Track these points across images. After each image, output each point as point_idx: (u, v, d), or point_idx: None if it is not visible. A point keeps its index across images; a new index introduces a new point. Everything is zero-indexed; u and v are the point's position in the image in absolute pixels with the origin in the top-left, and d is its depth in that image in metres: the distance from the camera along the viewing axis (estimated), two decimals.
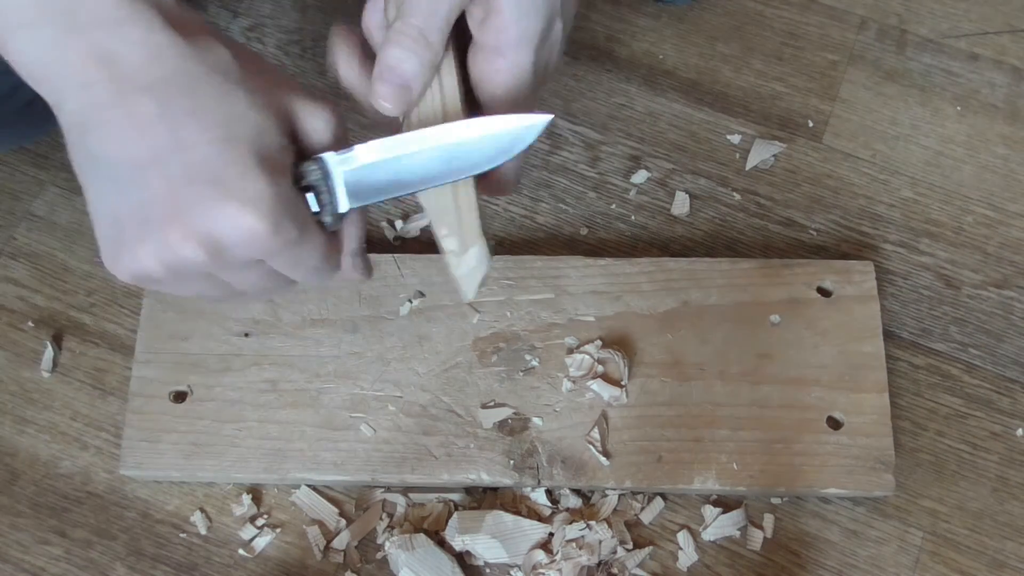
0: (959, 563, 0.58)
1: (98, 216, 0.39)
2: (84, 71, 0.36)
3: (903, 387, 0.63)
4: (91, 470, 0.61)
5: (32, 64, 0.37)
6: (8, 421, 0.63)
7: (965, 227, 0.68)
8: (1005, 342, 0.64)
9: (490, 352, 0.61)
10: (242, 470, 0.58)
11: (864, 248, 0.67)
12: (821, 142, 0.71)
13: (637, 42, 0.75)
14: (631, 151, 0.71)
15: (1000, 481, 0.60)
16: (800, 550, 0.59)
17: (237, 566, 0.59)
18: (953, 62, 0.73)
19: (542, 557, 0.57)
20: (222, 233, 0.37)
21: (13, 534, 0.60)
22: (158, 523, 0.60)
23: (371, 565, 0.58)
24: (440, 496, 0.59)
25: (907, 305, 0.65)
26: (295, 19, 0.76)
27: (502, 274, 0.63)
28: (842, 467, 0.57)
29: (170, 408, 0.60)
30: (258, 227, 0.37)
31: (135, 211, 0.38)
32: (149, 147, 0.36)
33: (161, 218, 0.37)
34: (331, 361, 0.61)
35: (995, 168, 0.70)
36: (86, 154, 0.38)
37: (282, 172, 0.39)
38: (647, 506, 0.59)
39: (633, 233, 0.68)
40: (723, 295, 0.62)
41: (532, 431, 0.59)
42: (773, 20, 0.75)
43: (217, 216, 0.37)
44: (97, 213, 0.39)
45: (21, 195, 0.69)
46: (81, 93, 0.36)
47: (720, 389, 0.60)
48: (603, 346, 0.60)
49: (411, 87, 0.42)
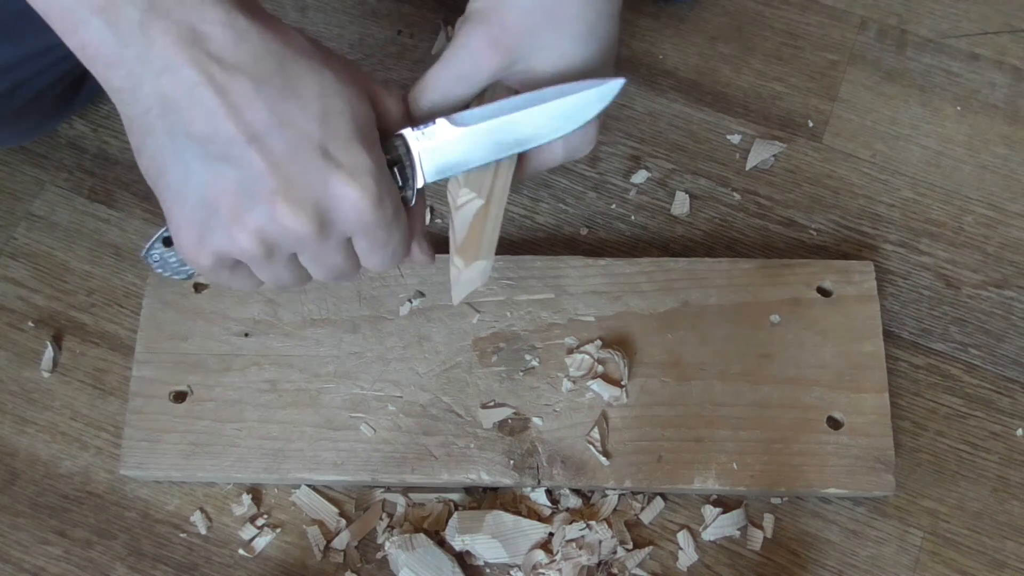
0: (959, 563, 0.58)
1: (181, 199, 0.39)
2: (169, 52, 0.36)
3: (903, 387, 0.63)
4: (91, 470, 0.61)
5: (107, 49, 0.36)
6: (8, 421, 0.63)
7: (965, 227, 0.68)
8: (1005, 342, 0.64)
9: (490, 352, 0.61)
10: (242, 470, 0.58)
11: (864, 248, 0.67)
12: (821, 142, 0.71)
13: (637, 42, 0.75)
14: (631, 151, 0.71)
15: (1000, 481, 0.60)
16: (800, 550, 0.59)
17: (237, 566, 0.59)
18: (953, 62, 0.73)
19: (542, 557, 0.57)
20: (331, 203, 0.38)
21: (13, 534, 0.60)
22: (158, 523, 0.60)
23: (371, 565, 0.58)
24: (440, 496, 0.59)
25: (907, 305, 0.65)
26: (295, 19, 0.76)
27: (502, 274, 0.63)
28: (842, 467, 0.57)
29: (170, 408, 0.60)
30: (364, 198, 0.38)
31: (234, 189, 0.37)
32: (248, 124, 0.36)
33: (266, 193, 0.37)
34: (331, 361, 0.61)
35: (995, 168, 0.70)
36: (169, 136, 0.37)
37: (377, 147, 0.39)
38: (647, 506, 0.59)
39: (633, 233, 0.68)
40: (723, 295, 0.62)
41: (532, 431, 0.59)
42: (773, 20, 0.75)
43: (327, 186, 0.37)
44: (180, 196, 0.39)
45: (21, 195, 0.69)
46: (165, 75, 0.36)
47: (720, 389, 0.60)
48: (603, 346, 0.60)
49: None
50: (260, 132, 0.37)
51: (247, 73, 0.36)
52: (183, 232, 0.39)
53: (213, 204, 0.38)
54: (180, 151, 0.38)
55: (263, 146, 0.37)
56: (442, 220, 0.68)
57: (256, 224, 0.38)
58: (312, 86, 0.38)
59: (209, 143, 0.37)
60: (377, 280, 0.63)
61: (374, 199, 0.38)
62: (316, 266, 0.42)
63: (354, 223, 0.39)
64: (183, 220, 0.39)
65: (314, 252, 0.40)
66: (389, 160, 0.41)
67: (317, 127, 0.37)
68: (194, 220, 0.39)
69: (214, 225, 0.38)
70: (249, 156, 0.37)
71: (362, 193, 0.38)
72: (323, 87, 0.38)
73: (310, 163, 0.37)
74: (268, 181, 0.37)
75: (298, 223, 0.38)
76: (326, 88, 0.38)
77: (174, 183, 0.38)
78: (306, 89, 0.38)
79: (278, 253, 0.40)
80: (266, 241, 0.38)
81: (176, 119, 0.37)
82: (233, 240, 0.38)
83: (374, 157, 0.39)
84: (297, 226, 0.38)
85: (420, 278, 0.63)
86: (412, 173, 0.42)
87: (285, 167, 0.37)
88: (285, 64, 0.37)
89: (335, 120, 0.38)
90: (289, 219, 0.37)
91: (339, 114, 0.38)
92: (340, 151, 0.38)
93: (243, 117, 0.36)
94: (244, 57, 0.37)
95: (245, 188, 0.37)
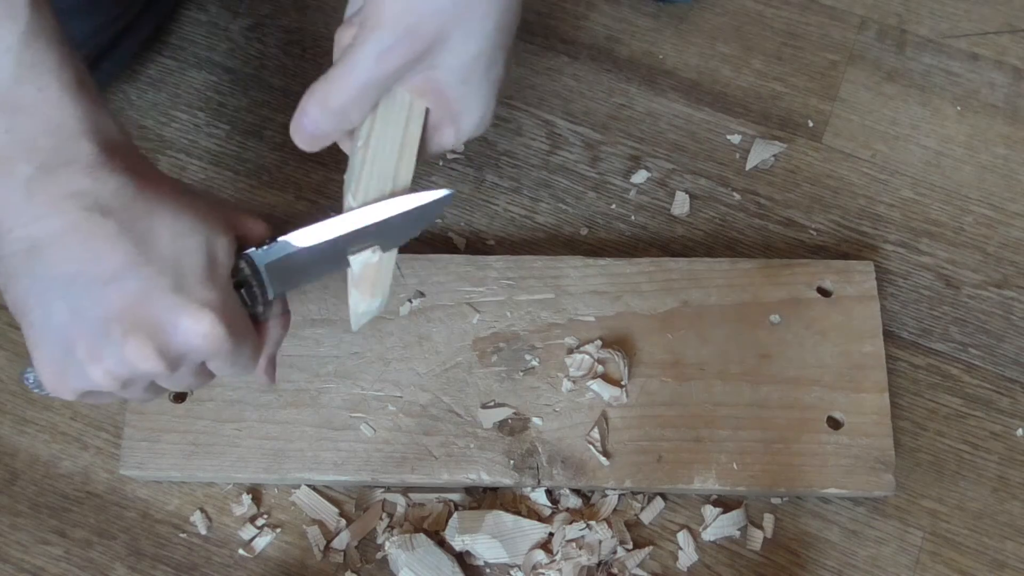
0: (959, 563, 0.58)
1: (42, 338, 0.41)
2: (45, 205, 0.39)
3: (903, 387, 0.63)
4: (91, 470, 0.61)
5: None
6: (8, 421, 0.63)
7: (965, 227, 0.68)
8: (1005, 342, 0.64)
9: (490, 352, 0.61)
10: (242, 470, 0.58)
11: (864, 248, 0.67)
12: (821, 142, 0.71)
13: (637, 42, 0.75)
14: (631, 151, 0.71)
15: (1000, 481, 0.60)
16: (800, 550, 0.59)
17: (237, 566, 0.59)
18: (953, 62, 0.73)
19: (542, 557, 0.57)
20: (182, 340, 0.40)
21: (13, 534, 0.60)
22: (158, 523, 0.60)
23: (371, 565, 0.58)
24: (440, 496, 0.59)
25: (907, 305, 0.65)
26: (295, 19, 0.76)
27: (502, 274, 0.63)
28: (842, 467, 0.57)
29: (170, 408, 0.60)
30: (215, 331, 0.40)
31: (90, 329, 0.40)
32: (110, 265, 0.39)
33: (120, 333, 0.39)
34: (331, 361, 0.61)
35: (995, 168, 0.70)
36: (33, 278, 0.39)
37: (227, 277, 0.42)
38: (647, 506, 0.59)
39: (633, 233, 0.68)
40: (723, 295, 0.62)
41: (532, 431, 0.59)
42: (773, 20, 0.75)
43: (178, 324, 0.40)
44: (42, 336, 0.40)
45: None
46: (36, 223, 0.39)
47: (720, 389, 0.60)
48: (603, 346, 0.60)
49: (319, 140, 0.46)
50: (117, 274, 0.39)
51: (113, 219, 0.39)
52: (44, 369, 0.41)
53: (71, 344, 0.40)
54: (43, 291, 0.40)
55: (121, 287, 0.39)
56: (442, 220, 0.68)
57: (109, 363, 0.40)
58: (170, 228, 0.40)
59: (71, 284, 0.39)
60: None
61: (222, 330, 0.41)
62: (171, 387, 0.45)
63: (204, 352, 0.41)
64: (44, 358, 0.41)
65: (167, 380, 0.43)
66: (236, 282, 0.43)
67: (171, 267, 0.40)
68: (55, 358, 0.41)
69: (72, 363, 0.40)
70: (107, 296, 0.39)
71: (211, 326, 0.40)
72: (181, 228, 0.40)
73: (162, 301, 0.40)
74: (122, 322, 0.39)
75: (149, 362, 0.40)
76: (184, 229, 0.40)
77: (36, 322, 0.40)
78: (164, 232, 0.40)
79: (133, 384, 0.42)
80: (120, 378, 0.41)
81: (43, 260, 0.39)
82: (89, 378, 0.40)
83: (223, 289, 0.41)
84: (148, 365, 0.40)
85: (420, 278, 0.63)
86: (261, 290, 0.44)
87: (139, 306, 0.39)
88: (149, 210, 0.40)
89: (189, 259, 0.40)
90: (140, 359, 0.40)
91: (193, 253, 0.41)
92: (191, 288, 0.40)
93: (103, 260, 0.39)
94: (113, 205, 0.39)
95: (100, 328, 0.39)
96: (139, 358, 0.40)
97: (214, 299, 0.41)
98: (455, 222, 0.68)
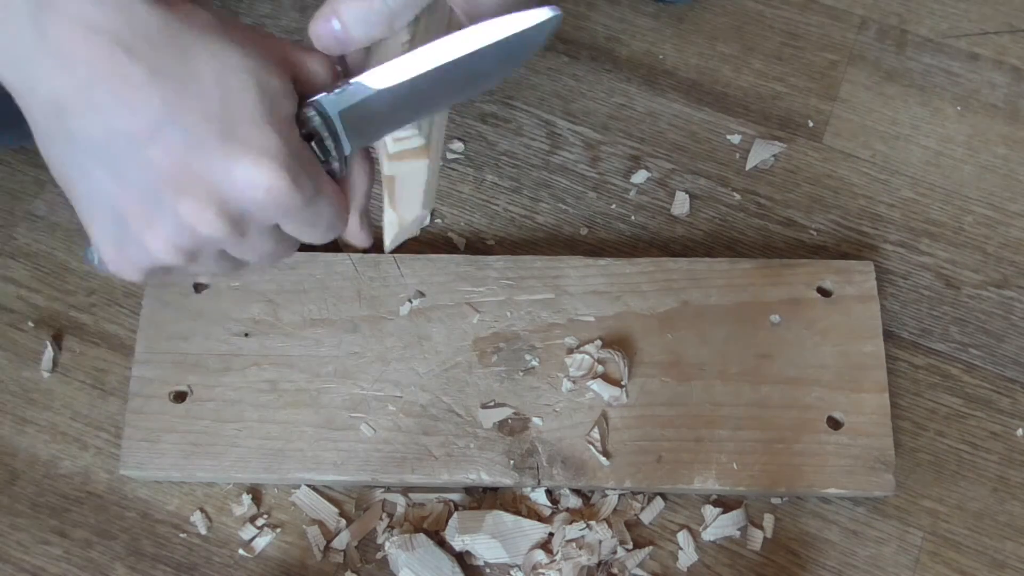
0: (959, 563, 0.58)
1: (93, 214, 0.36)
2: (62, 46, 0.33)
3: (903, 387, 0.63)
4: (91, 470, 0.61)
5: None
6: (8, 421, 0.63)
7: (965, 227, 0.68)
8: (1005, 342, 0.64)
9: (490, 352, 0.61)
10: (242, 470, 0.58)
11: (864, 248, 0.67)
12: (821, 142, 0.71)
13: (637, 42, 0.75)
14: (631, 151, 0.71)
15: (1000, 481, 0.60)
16: (800, 550, 0.59)
17: (237, 566, 0.59)
18: (953, 62, 0.73)
19: (542, 557, 0.57)
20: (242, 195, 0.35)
21: (13, 534, 0.60)
22: (158, 523, 0.60)
23: (371, 565, 0.58)
24: (440, 496, 0.59)
25: (907, 305, 0.65)
26: (295, 19, 0.76)
27: (502, 274, 0.63)
28: (842, 467, 0.57)
29: (170, 408, 0.60)
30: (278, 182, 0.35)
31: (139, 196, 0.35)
32: (145, 118, 0.33)
33: (172, 195, 0.34)
34: (331, 361, 0.61)
35: (995, 168, 0.70)
36: (69, 143, 0.35)
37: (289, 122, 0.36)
38: (647, 506, 0.59)
39: (633, 233, 0.68)
40: (723, 295, 0.62)
41: (532, 431, 0.59)
42: (773, 20, 0.75)
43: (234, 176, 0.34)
44: (91, 211, 0.36)
45: (21, 195, 0.69)
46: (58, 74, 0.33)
47: (720, 389, 0.60)
48: (603, 346, 0.60)
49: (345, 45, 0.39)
50: (159, 127, 0.34)
51: (143, 62, 0.33)
52: (102, 248, 0.37)
53: (122, 215, 0.35)
54: (82, 159, 0.35)
55: (163, 143, 0.34)
56: (442, 220, 0.68)
57: (167, 232, 0.35)
58: (212, 67, 0.34)
59: (110, 146, 0.34)
60: (377, 280, 0.63)
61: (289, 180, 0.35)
62: (248, 256, 0.39)
63: (272, 210, 0.36)
64: (99, 236, 0.37)
65: (238, 247, 0.37)
66: (305, 133, 0.37)
67: (218, 111, 0.34)
68: (109, 235, 0.36)
69: (128, 238, 0.36)
70: (149, 156, 0.34)
71: (275, 174, 0.34)
72: (224, 66, 0.34)
73: (214, 152, 0.34)
74: (172, 182, 0.34)
75: (209, 224, 0.35)
76: (228, 66, 0.35)
77: (83, 196, 0.36)
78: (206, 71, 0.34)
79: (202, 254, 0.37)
80: (182, 247, 0.36)
81: (76, 122, 0.34)
82: (149, 252, 0.36)
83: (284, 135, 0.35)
84: (209, 228, 0.35)
85: (420, 278, 0.63)
86: (336, 143, 0.38)
87: (187, 162, 0.34)
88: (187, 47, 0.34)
89: (238, 101, 0.34)
90: (199, 221, 0.35)
91: (242, 93, 0.34)
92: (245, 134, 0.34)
93: (140, 112, 0.33)
94: (140, 45, 0.33)
95: (149, 194, 0.35)
96: (198, 221, 0.34)
97: (273, 146, 0.34)
98: (455, 222, 0.68)
